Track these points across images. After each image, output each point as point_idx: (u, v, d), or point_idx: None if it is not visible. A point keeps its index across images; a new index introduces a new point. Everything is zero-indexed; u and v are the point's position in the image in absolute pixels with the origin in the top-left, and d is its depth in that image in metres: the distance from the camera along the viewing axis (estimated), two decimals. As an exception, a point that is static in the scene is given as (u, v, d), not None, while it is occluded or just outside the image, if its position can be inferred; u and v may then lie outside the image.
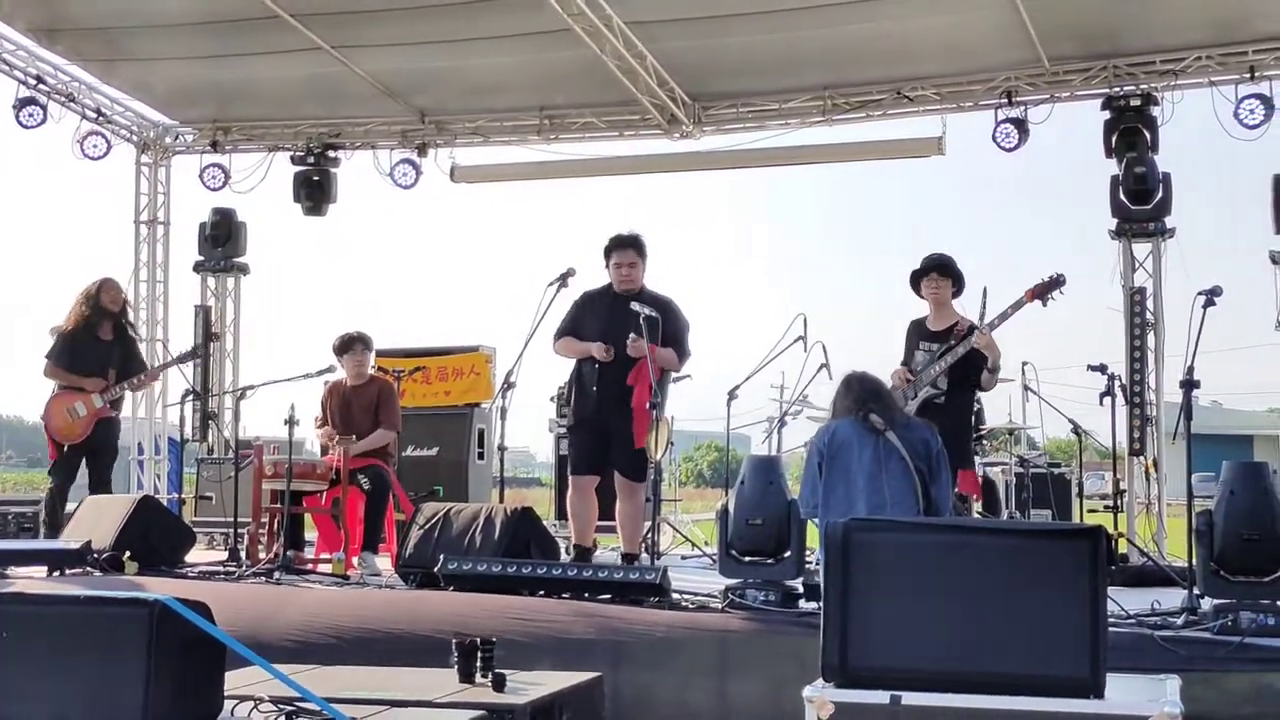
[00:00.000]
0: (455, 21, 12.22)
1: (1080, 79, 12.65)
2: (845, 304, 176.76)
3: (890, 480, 7.51)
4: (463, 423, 12.96)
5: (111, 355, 11.00)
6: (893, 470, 7.53)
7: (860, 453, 7.61)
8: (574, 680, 5.58)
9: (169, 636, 4.20)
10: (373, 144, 15.16)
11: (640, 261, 9.47)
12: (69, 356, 10.92)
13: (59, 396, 10.91)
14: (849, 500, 7.49)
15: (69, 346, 10.95)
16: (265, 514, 10.18)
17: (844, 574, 4.27)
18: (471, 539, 8.71)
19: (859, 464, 7.60)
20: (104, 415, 10.89)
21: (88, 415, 10.81)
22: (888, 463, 7.55)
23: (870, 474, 7.55)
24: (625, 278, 9.42)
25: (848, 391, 7.95)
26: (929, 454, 7.68)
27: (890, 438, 7.59)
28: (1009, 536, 4.45)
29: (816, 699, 4.16)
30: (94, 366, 10.91)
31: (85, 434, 10.85)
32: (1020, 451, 13.84)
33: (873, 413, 7.71)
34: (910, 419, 8.07)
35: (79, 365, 10.89)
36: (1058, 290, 9.05)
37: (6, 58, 13.40)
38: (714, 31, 12.31)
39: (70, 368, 10.88)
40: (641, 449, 9.10)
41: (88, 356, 10.92)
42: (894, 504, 7.41)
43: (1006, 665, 4.13)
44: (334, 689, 4.93)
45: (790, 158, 14.29)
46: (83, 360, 10.90)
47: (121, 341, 11.13)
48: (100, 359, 10.94)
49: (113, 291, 11.10)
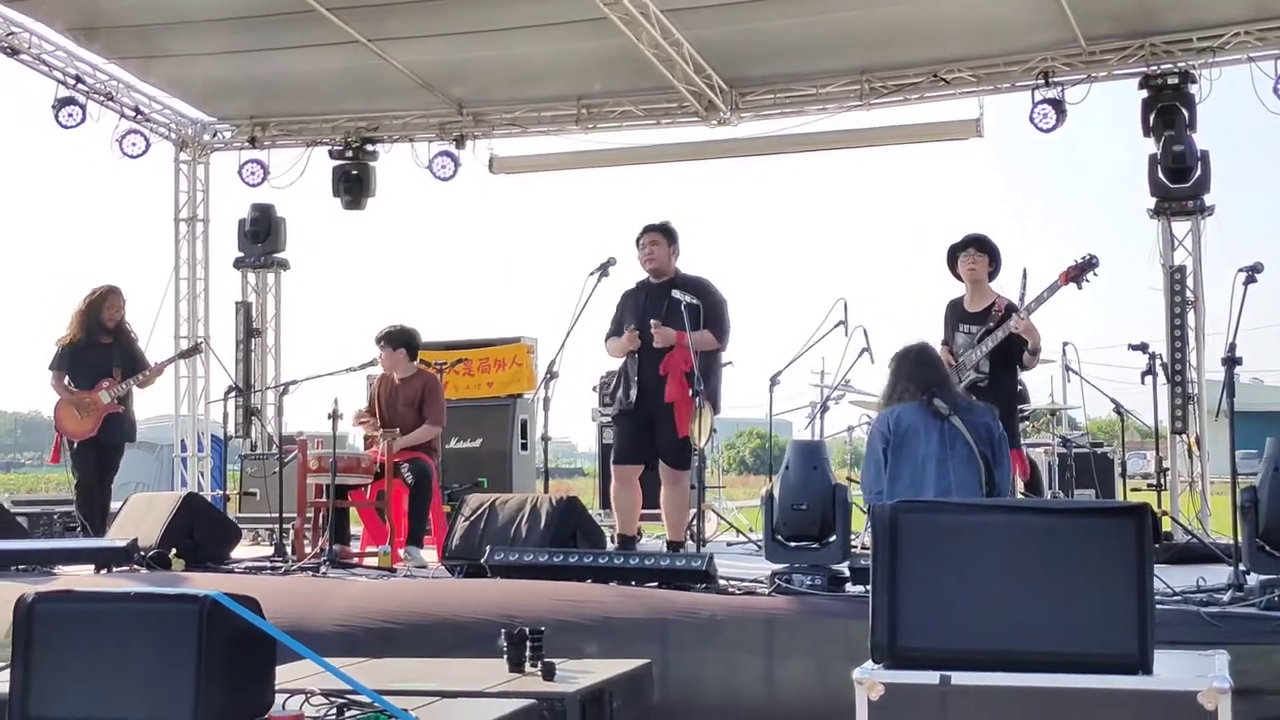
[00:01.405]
0: (491, 11, 12.25)
1: (1117, 58, 12.59)
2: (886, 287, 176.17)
3: (956, 466, 7.48)
4: (505, 414, 12.97)
5: (112, 357, 11.07)
6: (958, 455, 7.49)
7: (926, 438, 7.56)
8: (623, 668, 5.59)
9: (219, 631, 4.21)
10: (410, 137, 15.20)
11: (664, 240, 9.49)
12: (71, 364, 11.02)
13: (67, 398, 11.01)
14: (916, 487, 7.45)
15: (70, 355, 11.05)
16: (310, 508, 10.20)
17: (891, 555, 4.26)
18: (517, 530, 8.73)
19: (926, 449, 7.56)
20: (113, 411, 10.97)
21: (96, 412, 10.90)
22: (953, 448, 7.50)
23: (938, 459, 7.50)
24: (648, 256, 9.47)
25: (909, 372, 7.90)
26: (991, 438, 7.66)
27: (955, 423, 7.55)
28: (1055, 515, 4.42)
29: (866, 680, 4.15)
30: (97, 372, 10.98)
31: (94, 429, 10.93)
32: (1062, 432, 13.78)
33: (936, 396, 7.67)
34: (972, 402, 8.02)
35: (82, 373, 10.97)
36: (1091, 272, 8.99)
37: (45, 58, 13.49)
38: (750, 17, 12.29)
39: (73, 376, 10.99)
40: (685, 437, 9.11)
41: (90, 363, 11.00)
42: (959, 489, 7.39)
43: (1055, 643, 4.12)
44: (384, 680, 4.95)
45: (828, 142, 14.27)
46: (85, 367, 10.99)
47: (120, 343, 11.20)
48: (102, 363, 11.02)
49: (114, 309, 11.15)
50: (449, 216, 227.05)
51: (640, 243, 9.53)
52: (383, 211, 16.14)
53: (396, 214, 48.40)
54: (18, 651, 4.30)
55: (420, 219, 79.71)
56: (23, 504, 12.93)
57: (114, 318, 11.12)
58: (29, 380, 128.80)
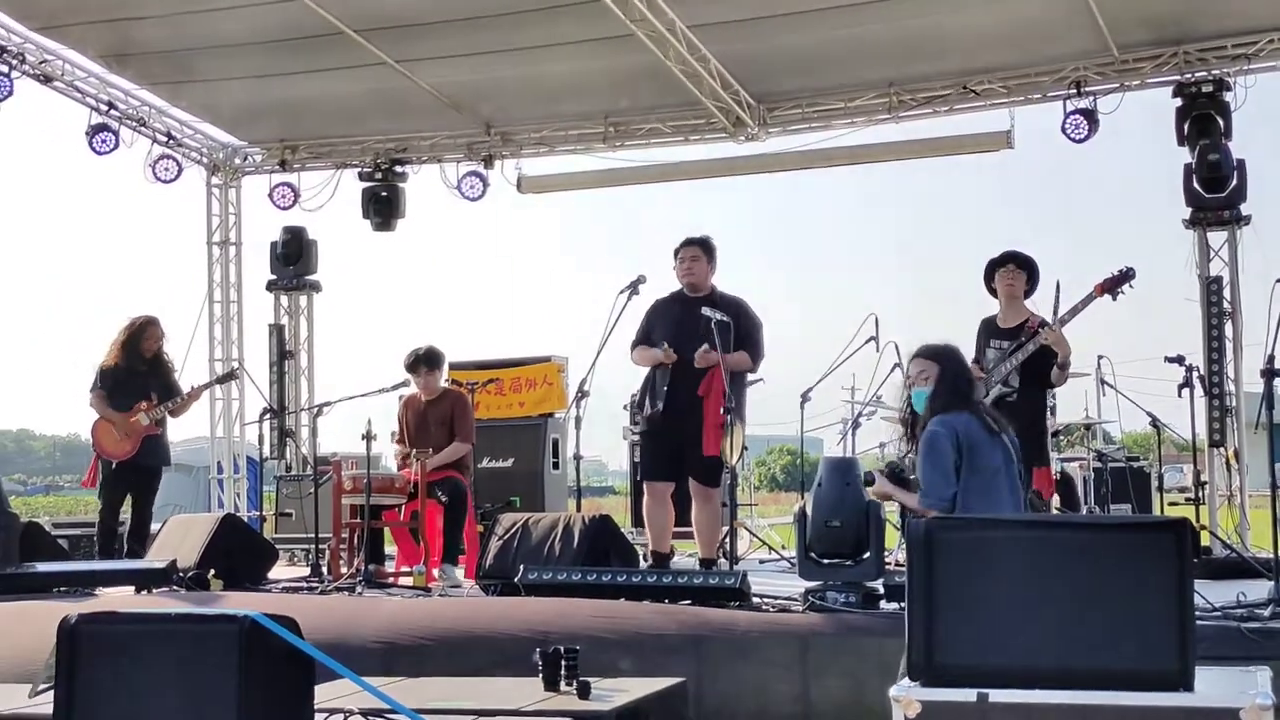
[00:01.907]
0: (518, 31, 12.26)
1: (1150, 66, 12.49)
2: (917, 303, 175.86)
3: (1012, 482, 7.38)
4: (537, 433, 12.98)
5: (150, 383, 11.22)
6: (1012, 472, 7.39)
7: (991, 451, 7.31)
8: (658, 686, 5.60)
9: (259, 651, 4.24)
10: (439, 157, 15.23)
11: (704, 257, 9.48)
12: (111, 388, 11.16)
13: (107, 419, 11.12)
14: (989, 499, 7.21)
15: (110, 379, 11.20)
16: (345, 529, 10.24)
17: (927, 572, 4.25)
18: (550, 548, 8.73)
19: (993, 462, 7.32)
20: (151, 433, 11.07)
21: (135, 433, 10.99)
22: (1008, 465, 7.37)
23: (1006, 474, 7.34)
24: (686, 271, 9.45)
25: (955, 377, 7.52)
26: (1019, 453, 7.57)
27: (1006, 439, 7.41)
28: (1093, 530, 4.41)
29: (903, 698, 4.14)
30: (135, 399, 11.13)
31: (133, 450, 11.02)
32: (1098, 446, 13.72)
33: (985, 411, 7.55)
34: (999, 416, 7.86)
35: (121, 397, 11.12)
36: (1127, 284, 8.92)
37: (78, 85, 13.57)
38: (776, 31, 12.28)
39: (112, 399, 11.12)
40: (715, 455, 9.09)
41: (128, 390, 11.14)
42: (1022, 505, 7.38)
43: (1094, 660, 4.09)
44: (421, 700, 4.97)
45: (857, 157, 14.22)
46: (124, 392, 11.13)
47: (157, 372, 11.32)
48: (140, 390, 11.16)
49: (152, 340, 11.28)
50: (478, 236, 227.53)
51: (679, 256, 9.51)
52: (413, 232, 16.19)
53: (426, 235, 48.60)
54: (61, 672, 4.34)
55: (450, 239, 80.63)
56: (63, 526, 13.01)
57: (152, 348, 11.26)
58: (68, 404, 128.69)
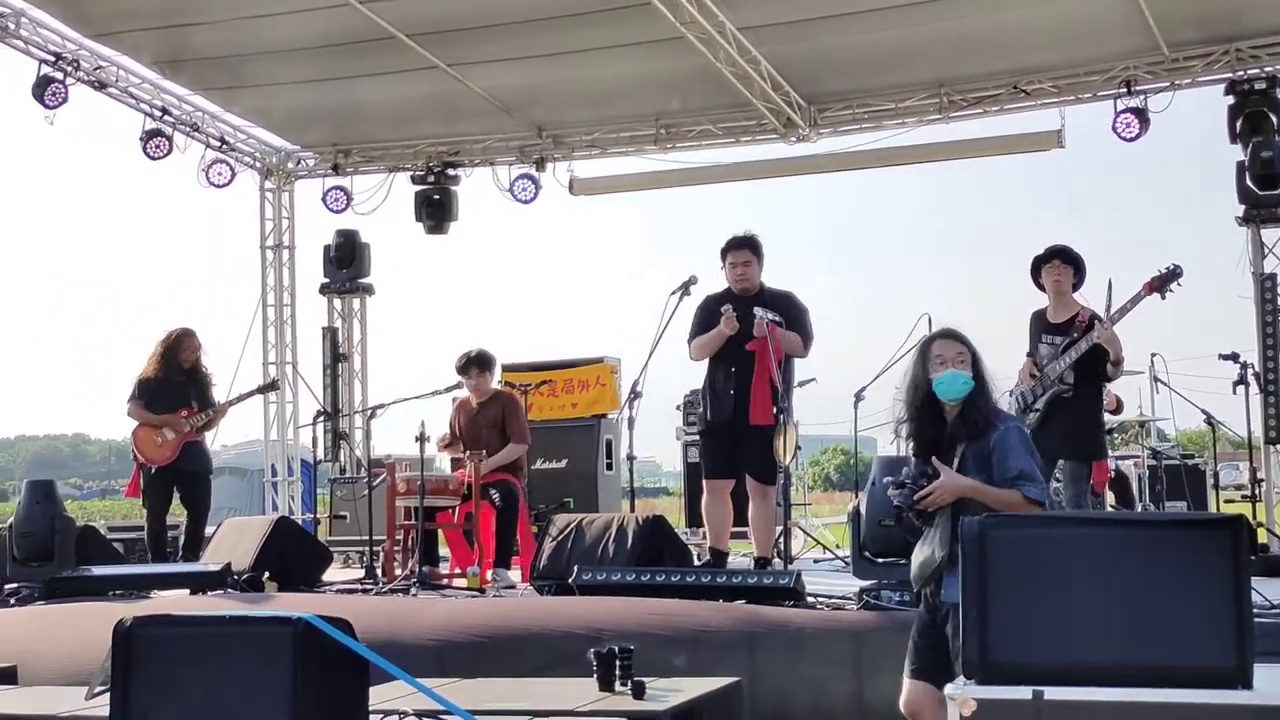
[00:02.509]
0: (568, 34, 12.29)
1: (1202, 64, 12.42)
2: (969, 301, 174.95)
3: None
4: (590, 434, 13.00)
5: (189, 392, 11.27)
6: None
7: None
8: (713, 685, 5.60)
9: (313, 653, 4.26)
10: (491, 160, 15.29)
11: (755, 260, 9.43)
12: (149, 398, 11.21)
13: (147, 425, 11.17)
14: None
15: (149, 390, 11.24)
16: (399, 531, 10.28)
17: (981, 570, 4.23)
18: (604, 549, 8.74)
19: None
20: (191, 439, 11.15)
21: (176, 438, 11.07)
22: None
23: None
24: (740, 276, 9.40)
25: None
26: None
27: None
28: (1148, 528, 4.38)
29: (958, 696, 4.12)
30: (175, 403, 11.19)
31: (174, 455, 11.08)
32: (1152, 444, 13.63)
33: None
34: None
35: (159, 406, 11.16)
36: (1175, 282, 8.84)
37: (132, 91, 13.70)
38: (826, 32, 12.27)
39: (151, 409, 11.17)
40: (771, 451, 9.07)
41: (167, 397, 11.19)
42: None
43: (1151, 657, 4.06)
44: (476, 701, 4.98)
45: (907, 157, 14.19)
46: (162, 401, 11.18)
47: (195, 381, 11.39)
48: (179, 397, 11.21)
49: (189, 350, 11.33)
50: (530, 239, 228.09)
51: (729, 260, 9.45)
52: (465, 235, 16.22)
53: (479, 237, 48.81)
54: (117, 674, 4.37)
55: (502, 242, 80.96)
56: (118, 530, 13.12)
57: (189, 359, 11.30)
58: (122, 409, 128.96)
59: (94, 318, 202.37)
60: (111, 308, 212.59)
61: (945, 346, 5.63)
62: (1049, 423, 8.91)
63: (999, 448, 5.38)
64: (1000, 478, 5.32)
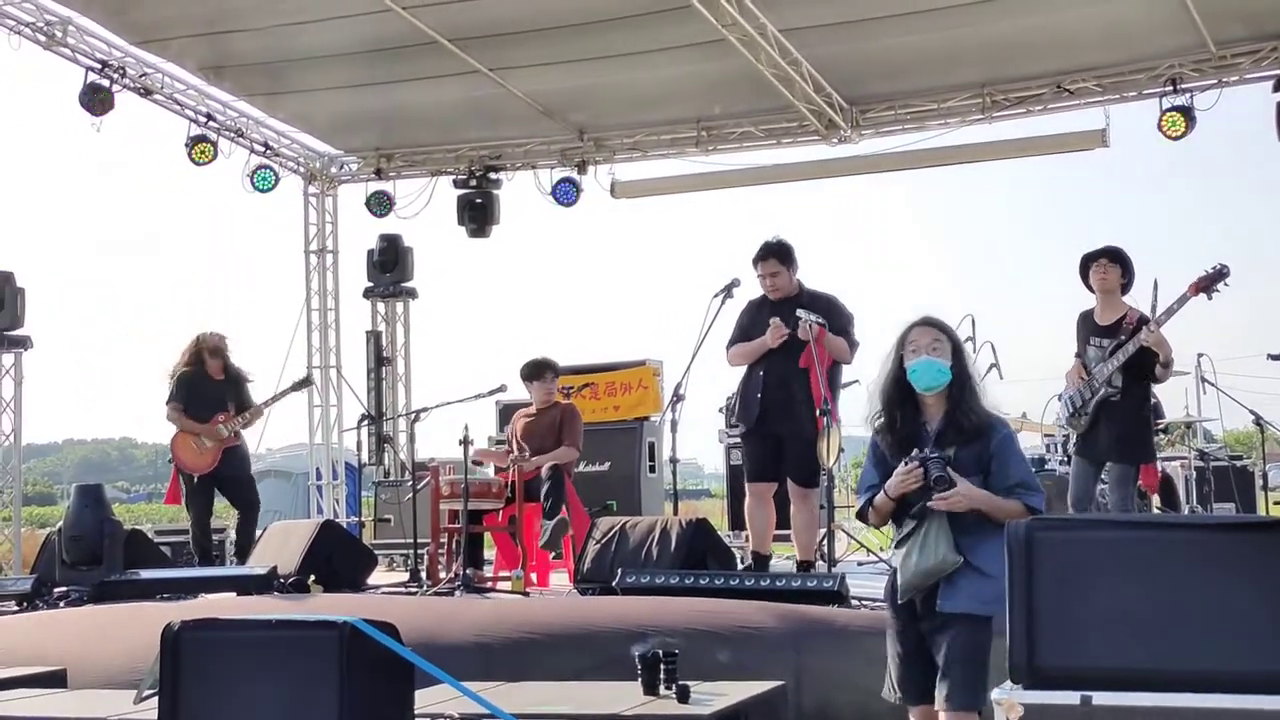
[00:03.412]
0: (609, 37, 12.30)
1: (1249, 61, 12.30)
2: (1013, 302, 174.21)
3: None
4: (633, 437, 13.00)
5: (226, 392, 11.40)
6: None
7: None
8: (757, 689, 5.59)
9: (359, 657, 4.28)
10: (533, 164, 15.32)
11: (784, 269, 9.34)
12: (187, 397, 11.35)
13: (185, 433, 11.31)
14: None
15: (186, 387, 11.39)
16: (444, 534, 10.31)
17: (1027, 573, 4.20)
18: (648, 552, 8.74)
19: None
20: (230, 444, 11.26)
21: (214, 445, 11.18)
22: None
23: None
24: (772, 288, 9.36)
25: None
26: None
27: None
28: (1197, 530, 4.34)
29: (1005, 701, 4.10)
30: (213, 404, 11.32)
31: (214, 464, 11.21)
32: (1199, 445, 13.52)
33: None
34: None
35: (197, 405, 11.31)
36: (1222, 282, 8.74)
37: (178, 97, 13.80)
38: (868, 34, 12.24)
39: (189, 408, 11.30)
40: (813, 454, 9.04)
41: (205, 396, 11.34)
42: None
43: (1201, 661, 4.03)
44: (520, 705, 4.99)
45: (951, 157, 14.13)
46: (201, 400, 11.32)
47: (232, 383, 11.51)
48: (217, 396, 11.36)
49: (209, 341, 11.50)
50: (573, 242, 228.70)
51: (758, 271, 9.39)
52: (507, 239, 16.28)
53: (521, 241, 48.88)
54: (165, 679, 4.40)
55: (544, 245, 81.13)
56: (165, 534, 13.21)
57: (209, 346, 11.41)
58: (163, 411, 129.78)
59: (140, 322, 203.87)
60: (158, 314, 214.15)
61: (921, 334, 5.33)
62: (1098, 425, 8.87)
63: (999, 454, 5.16)
64: (1000, 485, 5.11)
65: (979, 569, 5.07)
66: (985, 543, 5.06)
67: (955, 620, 5.07)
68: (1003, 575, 4.42)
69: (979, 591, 5.05)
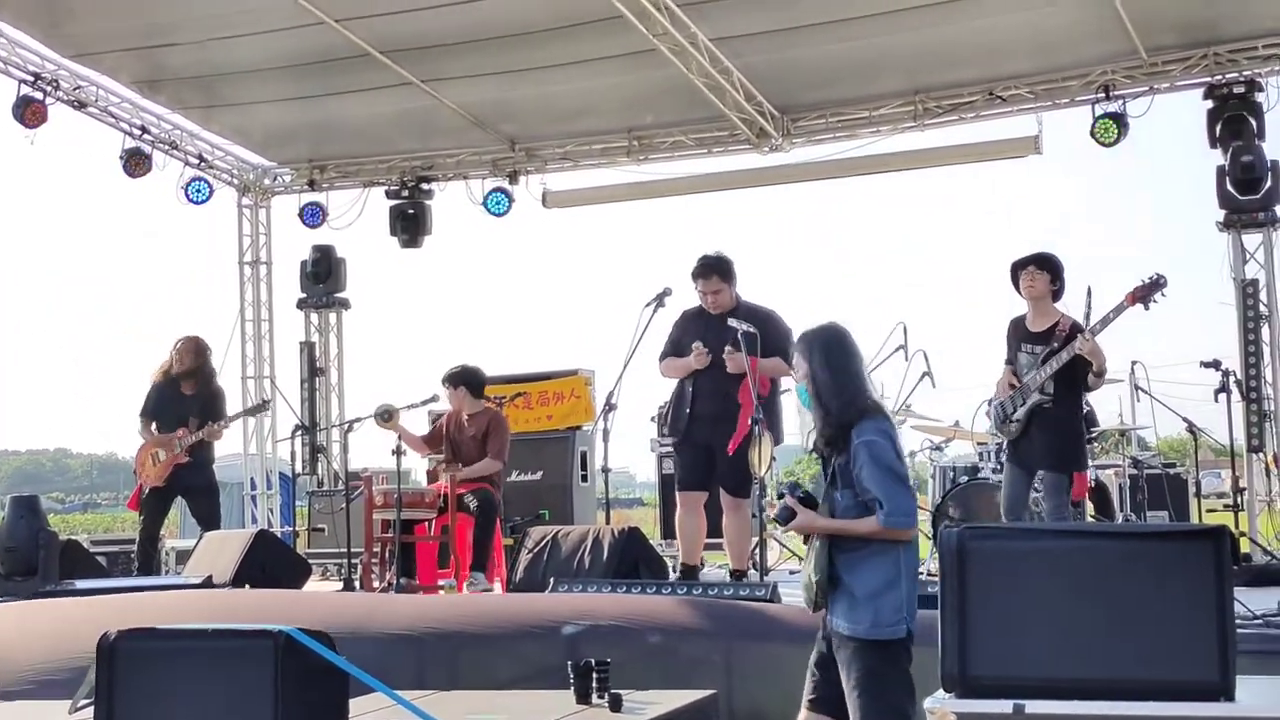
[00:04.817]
0: (540, 48, 12.29)
1: (1180, 69, 12.38)
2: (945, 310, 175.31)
3: None
4: (565, 446, 12.97)
5: (191, 408, 11.42)
6: None
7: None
8: (690, 698, 5.61)
9: (294, 667, 4.26)
10: (465, 174, 15.29)
11: (725, 285, 9.37)
12: (154, 408, 11.48)
13: (147, 444, 11.39)
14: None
15: (155, 399, 11.52)
16: (377, 543, 10.31)
17: (960, 582, 4.21)
18: (580, 561, 8.75)
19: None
20: (179, 461, 11.27)
21: (166, 461, 11.23)
22: None
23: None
24: (714, 304, 9.39)
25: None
26: None
27: None
28: (1129, 539, 4.37)
29: (938, 710, 4.11)
30: (174, 420, 11.36)
31: (162, 478, 11.27)
32: (1132, 452, 13.59)
33: None
34: None
35: (162, 417, 11.42)
36: (1159, 292, 8.76)
37: (112, 110, 13.73)
38: (799, 43, 12.27)
39: (157, 419, 11.42)
40: (745, 465, 9.04)
41: (169, 410, 11.42)
42: None
43: (1132, 670, 4.04)
44: (454, 714, 4.99)
45: (882, 165, 14.16)
46: (165, 414, 11.43)
47: (201, 395, 11.54)
48: (180, 412, 11.39)
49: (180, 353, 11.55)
50: (505, 252, 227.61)
51: (698, 287, 9.42)
52: (440, 249, 16.30)
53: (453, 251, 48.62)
54: (101, 689, 4.36)
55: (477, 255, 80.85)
56: (101, 544, 13.14)
57: (181, 361, 11.41)
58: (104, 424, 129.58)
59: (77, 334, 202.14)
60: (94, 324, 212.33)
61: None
62: (1029, 433, 8.90)
63: (855, 464, 5.02)
64: (861, 498, 4.99)
65: (850, 590, 5.00)
66: (862, 562, 5.00)
67: (843, 640, 5.00)
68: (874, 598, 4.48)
69: (848, 612, 4.98)
